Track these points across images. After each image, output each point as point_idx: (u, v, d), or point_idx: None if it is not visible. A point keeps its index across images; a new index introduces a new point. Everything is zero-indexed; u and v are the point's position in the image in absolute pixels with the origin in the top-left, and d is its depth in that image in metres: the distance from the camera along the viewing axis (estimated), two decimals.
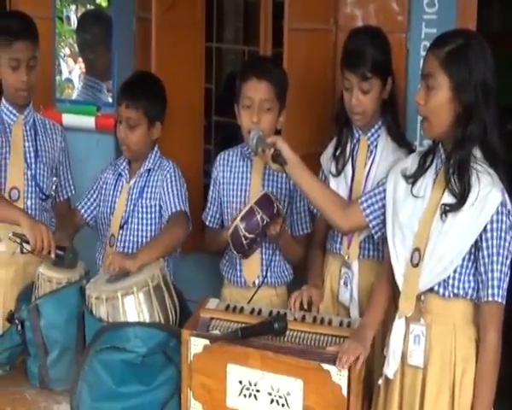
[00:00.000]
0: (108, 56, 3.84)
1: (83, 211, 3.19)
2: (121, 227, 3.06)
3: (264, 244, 2.94)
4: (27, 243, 2.69)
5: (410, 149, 2.80)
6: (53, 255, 2.68)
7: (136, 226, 3.05)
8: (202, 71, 3.93)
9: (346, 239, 2.83)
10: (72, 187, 3.35)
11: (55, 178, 3.26)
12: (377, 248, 2.79)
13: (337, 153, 2.88)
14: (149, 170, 3.09)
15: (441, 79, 2.28)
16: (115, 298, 2.50)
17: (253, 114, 2.84)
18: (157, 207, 3.05)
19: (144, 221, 3.05)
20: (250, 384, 2.34)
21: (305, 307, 2.64)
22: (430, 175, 2.41)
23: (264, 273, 2.96)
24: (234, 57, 5.67)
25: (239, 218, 2.72)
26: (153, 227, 3.05)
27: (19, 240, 2.72)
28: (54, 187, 3.25)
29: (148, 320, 2.52)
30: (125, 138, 3.03)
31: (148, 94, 3.06)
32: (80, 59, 3.97)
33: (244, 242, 2.74)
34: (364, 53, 2.72)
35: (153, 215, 3.05)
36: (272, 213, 2.74)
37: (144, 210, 3.05)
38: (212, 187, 3.12)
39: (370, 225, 2.60)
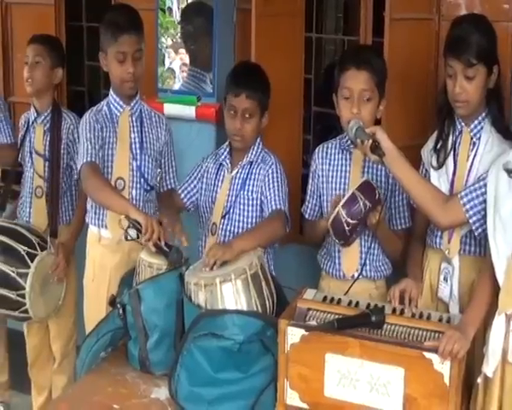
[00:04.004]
0: (210, 47, 3.88)
1: (182, 195, 3.24)
2: (223, 217, 3.10)
3: (363, 237, 2.93)
4: (137, 230, 2.76)
5: None
6: (163, 244, 2.73)
7: (237, 217, 3.08)
8: (302, 61, 3.93)
9: (446, 234, 2.77)
10: (175, 179, 3.40)
11: (159, 170, 3.33)
12: (479, 243, 2.72)
13: (438, 145, 2.82)
14: (251, 162, 3.11)
15: None
16: (213, 285, 2.52)
17: (352, 105, 2.81)
18: (258, 201, 3.07)
19: (246, 213, 3.08)
20: (349, 373, 2.33)
21: (406, 301, 2.60)
22: None
23: (362, 266, 2.95)
24: (333, 47, 5.66)
25: (341, 204, 2.70)
26: (253, 219, 3.07)
27: (130, 224, 2.79)
28: (158, 178, 3.32)
29: (245, 308, 2.54)
30: (241, 129, 3.05)
31: (262, 84, 3.11)
32: (181, 50, 4.02)
33: (346, 228, 2.71)
34: (469, 39, 2.65)
35: (254, 207, 3.08)
36: (374, 200, 2.72)
37: (246, 202, 3.08)
38: (310, 180, 3.12)
39: (471, 221, 2.55)
